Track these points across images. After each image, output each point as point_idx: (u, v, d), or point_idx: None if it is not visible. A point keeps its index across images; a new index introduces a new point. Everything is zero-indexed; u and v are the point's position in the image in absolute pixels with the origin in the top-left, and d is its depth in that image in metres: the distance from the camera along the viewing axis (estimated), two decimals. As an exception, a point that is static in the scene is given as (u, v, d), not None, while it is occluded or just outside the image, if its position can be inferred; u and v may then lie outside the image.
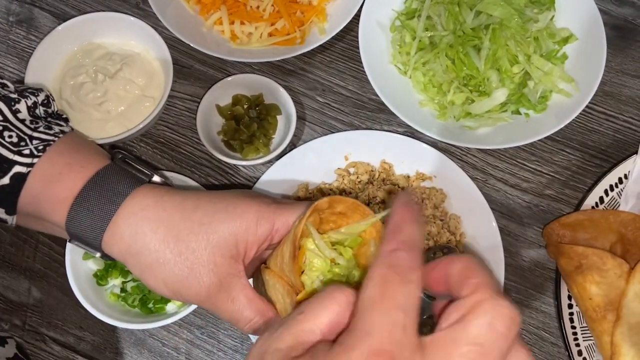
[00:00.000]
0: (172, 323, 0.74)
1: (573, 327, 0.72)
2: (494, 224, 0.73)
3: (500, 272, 0.72)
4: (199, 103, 0.78)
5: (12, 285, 0.77)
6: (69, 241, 0.53)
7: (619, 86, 0.84)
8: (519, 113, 0.81)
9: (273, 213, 0.48)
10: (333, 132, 0.81)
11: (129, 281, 0.72)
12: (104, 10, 0.86)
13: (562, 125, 0.76)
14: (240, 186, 0.80)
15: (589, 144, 0.81)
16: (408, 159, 0.78)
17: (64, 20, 0.80)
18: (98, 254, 0.52)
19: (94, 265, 0.72)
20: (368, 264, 0.45)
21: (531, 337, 0.74)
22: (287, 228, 0.49)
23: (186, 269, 0.47)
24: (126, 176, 0.51)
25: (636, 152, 0.78)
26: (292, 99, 0.78)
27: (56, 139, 0.52)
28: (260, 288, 0.51)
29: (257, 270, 0.52)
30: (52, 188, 0.50)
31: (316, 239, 0.45)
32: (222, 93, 0.79)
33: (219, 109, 0.80)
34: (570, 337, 0.72)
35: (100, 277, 0.72)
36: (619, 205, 0.76)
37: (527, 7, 0.81)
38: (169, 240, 0.47)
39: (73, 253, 0.70)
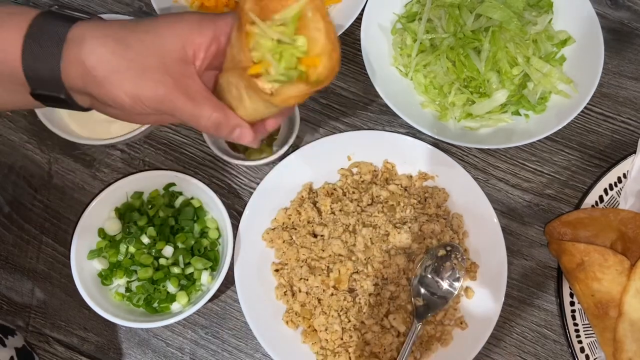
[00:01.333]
0: (176, 323, 0.74)
1: (575, 325, 0.73)
2: (495, 220, 0.75)
3: (503, 267, 0.73)
4: (203, 104, 0.78)
5: (15, 287, 0.76)
6: (32, 95, 0.53)
7: (616, 88, 0.85)
8: (518, 114, 0.82)
9: (214, 18, 0.52)
10: (336, 133, 0.82)
11: (133, 281, 0.72)
12: (106, 14, 0.87)
13: (561, 126, 0.78)
14: (243, 188, 0.81)
15: (587, 144, 0.83)
16: (410, 159, 0.79)
17: (68, 23, 0.81)
18: (62, 95, 0.52)
19: (98, 265, 0.72)
20: (308, 31, 0.52)
21: (534, 334, 0.75)
22: (230, 28, 0.52)
23: (139, 71, 0.50)
24: (67, 16, 0.53)
25: (634, 152, 0.79)
26: (295, 100, 0.78)
27: None
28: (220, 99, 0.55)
29: (215, 87, 0.56)
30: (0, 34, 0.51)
31: (260, 24, 0.49)
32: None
33: (222, 110, 0.80)
34: (573, 335, 0.72)
35: (105, 277, 0.72)
36: (619, 204, 0.77)
37: (525, 10, 0.82)
38: (118, 50, 0.50)
39: (78, 253, 0.70)
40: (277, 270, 0.75)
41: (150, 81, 0.50)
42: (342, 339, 0.71)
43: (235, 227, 0.74)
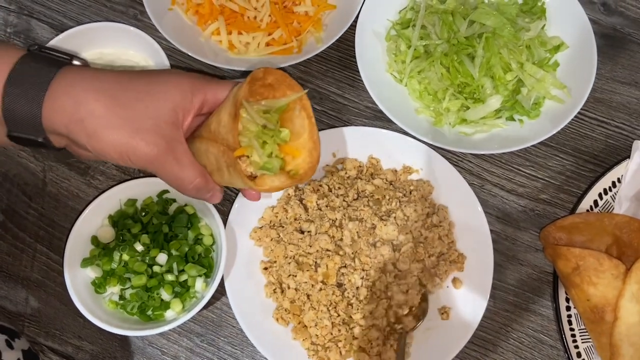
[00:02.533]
0: (171, 331, 0.74)
1: (571, 330, 0.73)
2: (480, 209, 0.76)
3: (489, 257, 0.74)
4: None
5: (9, 295, 0.76)
6: (8, 136, 0.52)
7: (610, 93, 0.86)
8: (513, 119, 0.82)
9: (205, 85, 0.54)
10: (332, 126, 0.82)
11: (127, 288, 0.72)
12: (102, 22, 0.87)
13: (555, 131, 0.78)
14: (237, 195, 0.81)
15: (582, 149, 0.83)
16: (395, 154, 0.80)
17: (62, 32, 0.81)
18: (40, 138, 0.52)
19: (92, 273, 0.72)
20: (292, 125, 0.57)
21: (530, 340, 0.75)
22: (215, 100, 0.55)
23: (133, 132, 0.50)
24: (49, 59, 0.53)
25: (628, 157, 0.79)
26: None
27: None
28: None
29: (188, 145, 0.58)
30: None
31: (250, 110, 0.53)
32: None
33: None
34: (569, 340, 0.72)
35: (99, 285, 0.71)
36: (613, 208, 0.78)
37: (518, 17, 0.83)
38: (113, 106, 0.50)
39: (71, 261, 0.70)
40: (265, 269, 0.75)
41: (143, 142, 0.51)
42: (331, 333, 0.71)
43: (229, 233, 0.74)
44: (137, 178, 0.75)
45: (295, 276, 0.73)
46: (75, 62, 0.57)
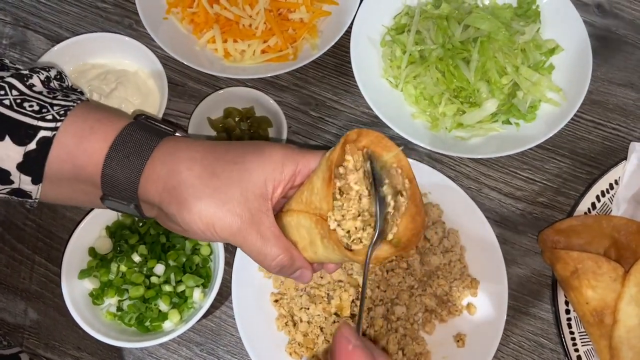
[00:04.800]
0: (170, 341, 0.74)
1: (571, 333, 0.73)
2: (492, 233, 0.74)
3: (502, 281, 0.72)
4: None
5: (8, 307, 0.76)
6: (102, 199, 0.53)
7: (606, 95, 0.86)
8: (509, 123, 0.82)
9: (297, 155, 0.52)
10: (328, 146, 0.82)
11: (125, 300, 0.72)
12: (97, 32, 0.87)
13: (551, 134, 0.78)
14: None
15: (578, 152, 0.83)
16: None
17: (57, 42, 0.81)
18: (132, 205, 0.53)
19: (89, 284, 0.72)
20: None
21: (530, 344, 0.75)
22: (308, 170, 0.52)
23: (220, 202, 0.50)
24: (154, 129, 0.54)
25: (625, 158, 0.79)
26: (285, 114, 0.79)
27: (75, 104, 0.54)
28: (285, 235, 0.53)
29: (277, 220, 0.54)
30: (86, 141, 0.52)
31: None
32: (213, 106, 0.80)
33: (210, 122, 0.80)
34: (569, 343, 0.72)
35: (96, 296, 0.71)
36: (611, 210, 0.77)
37: (513, 20, 0.83)
38: (204, 176, 0.50)
39: (69, 273, 0.70)
40: (276, 301, 0.74)
41: (229, 213, 0.50)
42: None
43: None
44: (134, 188, 0.75)
45: (308, 309, 0.72)
46: (178, 134, 0.57)
